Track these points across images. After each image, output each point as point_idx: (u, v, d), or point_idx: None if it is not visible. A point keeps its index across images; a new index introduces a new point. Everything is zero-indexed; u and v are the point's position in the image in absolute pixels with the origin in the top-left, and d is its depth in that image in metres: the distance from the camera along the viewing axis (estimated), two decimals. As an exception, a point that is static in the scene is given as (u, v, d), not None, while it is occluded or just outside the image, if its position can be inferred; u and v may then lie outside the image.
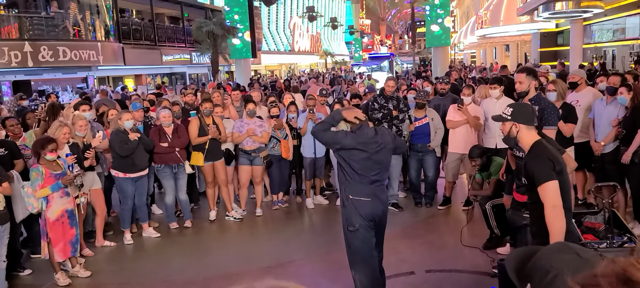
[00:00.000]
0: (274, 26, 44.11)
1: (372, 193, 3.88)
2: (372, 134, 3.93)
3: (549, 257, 1.25)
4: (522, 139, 3.07)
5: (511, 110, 3.11)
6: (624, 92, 5.26)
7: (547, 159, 2.90)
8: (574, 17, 19.74)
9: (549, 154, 2.93)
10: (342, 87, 17.66)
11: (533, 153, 3.01)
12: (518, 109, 3.13)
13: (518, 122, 3.05)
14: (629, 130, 5.22)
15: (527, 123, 3.04)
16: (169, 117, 6.41)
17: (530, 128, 3.04)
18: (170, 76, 26.06)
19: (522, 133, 3.05)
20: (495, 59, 37.59)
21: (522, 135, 3.06)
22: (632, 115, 5.22)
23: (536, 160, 2.95)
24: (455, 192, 7.37)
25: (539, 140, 3.04)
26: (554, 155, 2.95)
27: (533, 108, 3.18)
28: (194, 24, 22.79)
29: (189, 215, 6.83)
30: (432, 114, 6.88)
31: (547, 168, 2.87)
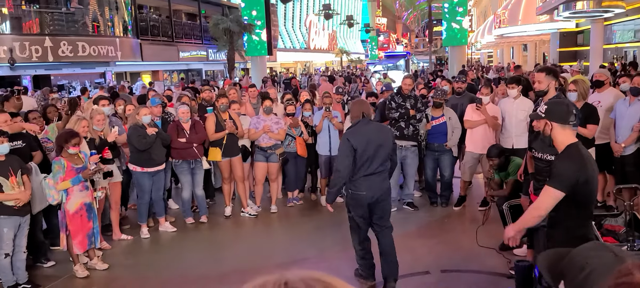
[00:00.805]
0: (290, 23, 44.15)
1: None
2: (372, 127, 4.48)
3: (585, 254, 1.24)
4: (556, 138, 2.95)
5: (546, 107, 3.02)
6: None
7: (574, 169, 2.80)
8: (595, 17, 19.45)
9: (581, 163, 2.83)
10: (358, 86, 17.64)
11: (564, 155, 2.92)
12: (553, 107, 3.02)
13: (551, 120, 2.95)
14: None
15: (561, 122, 2.92)
16: (187, 113, 6.46)
17: (565, 127, 2.92)
18: (186, 72, 26.25)
19: (556, 132, 2.94)
20: (512, 58, 37.20)
21: (556, 135, 2.94)
22: None
23: (563, 163, 2.87)
24: (472, 192, 7.32)
25: (575, 143, 2.92)
26: (585, 163, 2.84)
27: (570, 107, 3.03)
28: (211, 20, 22.92)
29: (205, 211, 6.89)
30: (450, 113, 6.83)
31: (568, 177, 2.79)
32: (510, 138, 6.14)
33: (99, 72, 19.84)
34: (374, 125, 4.61)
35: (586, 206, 2.88)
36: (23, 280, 4.85)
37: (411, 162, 6.86)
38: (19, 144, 5.25)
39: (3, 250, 4.68)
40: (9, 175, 4.66)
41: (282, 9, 40.15)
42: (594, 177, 2.89)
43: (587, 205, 2.89)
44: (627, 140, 5.43)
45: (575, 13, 17.68)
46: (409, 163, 6.88)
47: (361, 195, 4.41)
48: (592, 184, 2.87)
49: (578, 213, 2.88)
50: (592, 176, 2.87)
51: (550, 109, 2.99)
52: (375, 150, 4.36)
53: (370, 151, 4.34)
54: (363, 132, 4.38)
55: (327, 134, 7.17)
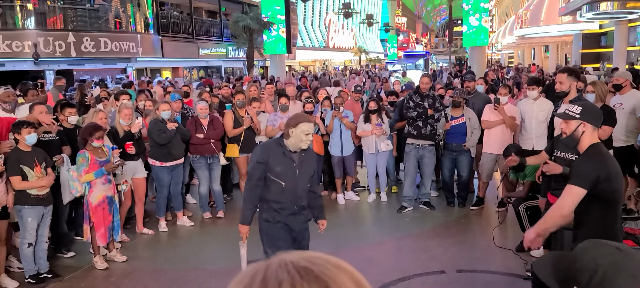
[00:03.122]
0: (310, 22, 44.22)
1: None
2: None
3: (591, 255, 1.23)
4: (584, 139, 2.94)
5: (581, 108, 2.97)
6: None
7: (594, 167, 2.79)
8: (619, 18, 19.08)
9: (599, 160, 2.83)
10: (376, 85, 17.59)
11: (586, 154, 2.92)
12: (589, 108, 3.01)
13: (588, 121, 2.91)
14: None
15: (596, 124, 2.92)
16: (205, 109, 6.54)
17: (595, 130, 2.94)
18: (206, 69, 26.49)
19: (587, 133, 2.92)
20: (533, 59, 36.71)
21: (586, 136, 2.93)
22: None
23: (583, 161, 2.89)
24: (489, 192, 7.27)
25: (598, 143, 2.94)
26: (604, 162, 2.83)
27: (598, 109, 3.05)
28: (231, 18, 23.08)
29: (222, 206, 6.95)
30: (470, 114, 6.79)
31: (587, 174, 2.78)
32: (531, 139, 6.08)
33: (120, 68, 20.13)
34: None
35: (611, 205, 2.84)
36: (44, 270, 4.96)
37: (428, 161, 6.85)
38: (51, 136, 5.37)
39: (26, 239, 4.80)
40: (34, 166, 4.77)
41: (302, 8, 40.23)
42: (616, 175, 2.85)
43: (611, 204, 2.85)
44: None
45: (599, 14, 17.37)
46: (426, 162, 6.86)
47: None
48: (615, 181, 2.83)
49: (603, 213, 2.85)
50: (615, 173, 2.83)
51: (587, 110, 2.95)
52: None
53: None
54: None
55: (339, 134, 7.18)
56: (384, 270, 5.05)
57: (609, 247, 1.23)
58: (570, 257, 1.27)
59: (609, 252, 1.21)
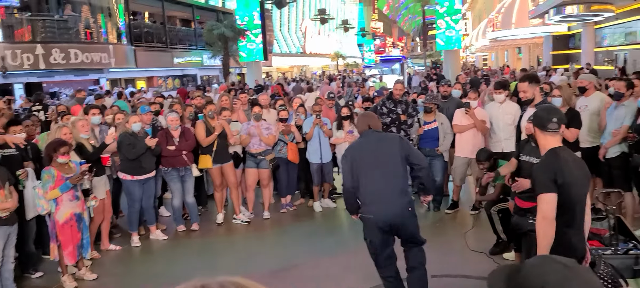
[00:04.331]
0: (286, 28, 44.23)
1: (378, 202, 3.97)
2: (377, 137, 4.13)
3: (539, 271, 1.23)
4: (538, 142, 3.02)
5: (534, 111, 3.08)
6: None
7: (549, 169, 2.82)
8: (585, 21, 19.58)
9: (556, 165, 2.83)
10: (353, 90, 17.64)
11: (541, 160, 2.97)
12: (537, 112, 3.08)
13: (534, 125, 3.03)
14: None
15: (541, 128, 2.96)
16: (176, 120, 6.46)
17: (545, 133, 2.95)
18: (181, 78, 26.25)
19: (537, 137, 3.01)
20: (506, 61, 37.35)
21: (538, 139, 3.01)
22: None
23: (539, 168, 2.90)
24: (463, 196, 7.33)
25: (554, 148, 2.94)
26: (561, 166, 2.84)
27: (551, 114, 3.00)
28: (205, 26, 22.96)
29: (196, 218, 6.87)
30: (442, 118, 6.86)
31: (547, 178, 2.80)
32: (499, 142, 6.19)
33: (93, 79, 19.80)
34: (375, 136, 4.14)
35: (564, 209, 2.84)
36: (11, 292, 4.82)
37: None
38: (11, 151, 5.22)
39: (-8, 261, 4.66)
40: (-3, 187, 4.64)
41: (278, 14, 40.22)
42: (575, 183, 2.85)
43: (564, 209, 2.85)
44: (608, 143, 5.47)
45: (566, 17, 17.80)
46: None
47: (368, 218, 4.00)
48: (571, 189, 2.83)
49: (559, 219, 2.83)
50: (572, 181, 2.83)
51: (536, 114, 3.05)
52: (376, 162, 3.98)
53: (368, 163, 3.98)
54: (361, 144, 4.12)
55: (318, 141, 7.18)
56: (361, 277, 5.04)
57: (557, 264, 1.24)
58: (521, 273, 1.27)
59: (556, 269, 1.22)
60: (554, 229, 2.77)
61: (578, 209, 2.93)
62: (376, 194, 3.94)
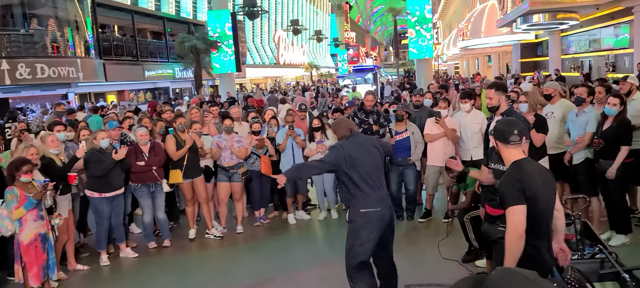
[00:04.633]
0: (259, 39, 44.21)
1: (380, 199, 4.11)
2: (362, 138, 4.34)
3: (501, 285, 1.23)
4: (502, 155, 3.03)
5: (493, 125, 3.08)
6: (617, 103, 5.18)
7: (516, 181, 2.81)
8: (552, 29, 20.10)
9: (521, 176, 2.83)
10: (327, 100, 17.69)
11: (506, 173, 2.96)
12: (498, 126, 3.07)
13: (496, 139, 3.02)
14: (609, 143, 5.21)
15: (503, 142, 2.97)
16: (145, 135, 6.35)
17: (508, 146, 2.96)
18: (153, 91, 25.92)
19: (500, 150, 3.02)
20: (477, 69, 38.04)
21: (501, 152, 3.02)
22: (617, 130, 5.18)
23: (505, 181, 2.89)
24: (437, 204, 7.39)
25: (518, 160, 2.94)
26: (527, 179, 2.83)
27: (512, 127, 2.99)
28: (176, 38, 22.76)
29: (168, 234, 6.75)
30: (413, 128, 6.92)
31: (513, 191, 2.80)
32: (468, 150, 6.29)
33: (61, 94, 19.38)
34: (362, 138, 4.39)
35: (534, 223, 2.83)
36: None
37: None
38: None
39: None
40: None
41: (250, 25, 40.18)
42: (541, 195, 2.84)
43: (534, 222, 2.84)
44: (573, 149, 5.58)
45: (533, 25, 18.23)
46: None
47: (376, 211, 4.07)
48: (539, 201, 2.83)
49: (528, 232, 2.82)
50: (539, 194, 2.83)
51: (495, 127, 3.06)
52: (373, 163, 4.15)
53: (369, 162, 4.12)
54: (354, 143, 4.19)
55: (291, 153, 7.15)
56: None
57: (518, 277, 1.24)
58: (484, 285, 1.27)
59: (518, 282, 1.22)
60: (523, 243, 2.76)
61: (545, 220, 2.93)
62: (379, 191, 4.13)
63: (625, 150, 5.14)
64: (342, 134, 4.28)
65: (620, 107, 5.16)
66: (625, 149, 5.14)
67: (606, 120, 5.29)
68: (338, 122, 4.53)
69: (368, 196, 4.07)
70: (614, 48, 16.81)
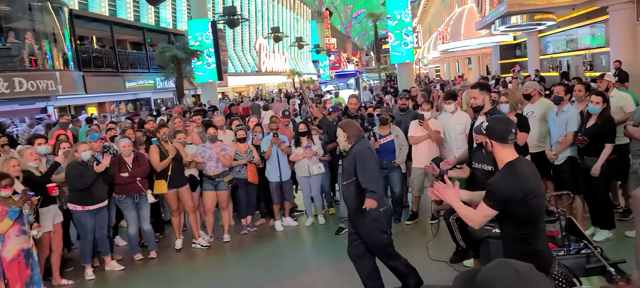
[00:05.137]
0: (240, 47, 44.11)
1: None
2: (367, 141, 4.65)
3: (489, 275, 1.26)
4: (496, 155, 2.99)
5: (487, 125, 3.03)
6: (600, 102, 5.24)
7: (508, 187, 2.80)
8: (529, 30, 20.41)
9: (514, 182, 2.81)
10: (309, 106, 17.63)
11: (501, 172, 2.93)
12: (494, 125, 3.02)
13: (492, 138, 2.98)
14: (593, 141, 5.29)
15: (501, 141, 2.94)
16: (128, 146, 6.28)
17: (505, 146, 2.94)
18: (134, 102, 25.67)
19: (496, 150, 2.98)
20: (458, 72, 38.46)
21: (496, 152, 2.98)
22: (601, 127, 5.25)
23: (499, 182, 2.87)
24: (424, 206, 7.43)
25: (514, 160, 2.93)
26: (521, 181, 2.82)
27: (510, 125, 2.99)
28: (156, 48, 22.60)
29: (154, 246, 6.67)
30: (397, 131, 6.96)
31: (501, 196, 2.80)
32: (452, 151, 6.34)
33: (40, 108, 19.07)
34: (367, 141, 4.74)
35: (529, 222, 2.85)
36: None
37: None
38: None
39: None
40: None
41: (231, 33, 40.09)
42: (534, 193, 2.84)
43: (529, 221, 2.85)
44: (556, 150, 5.66)
45: (511, 27, 18.49)
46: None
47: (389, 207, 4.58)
48: (532, 201, 2.82)
49: (521, 231, 2.84)
50: (532, 192, 2.83)
51: (491, 127, 3.00)
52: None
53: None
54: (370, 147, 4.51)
55: (276, 160, 7.14)
56: (324, 295, 5.01)
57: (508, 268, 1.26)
58: (477, 276, 1.29)
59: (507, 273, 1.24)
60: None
61: (540, 218, 2.95)
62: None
63: (610, 147, 5.22)
64: (354, 133, 4.42)
65: (603, 105, 5.25)
66: (609, 147, 5.22)
67: (590, 118, 5.37)
68: (349, 122, 4.62)
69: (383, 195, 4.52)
70: (591, 47, 17.14)
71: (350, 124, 4.54)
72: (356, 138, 4.40)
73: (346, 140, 4.39)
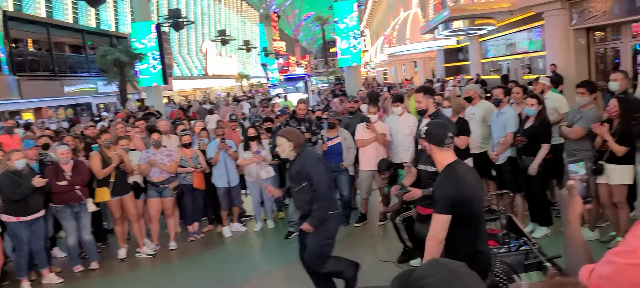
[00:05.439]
0: (186, 51, 43.26)
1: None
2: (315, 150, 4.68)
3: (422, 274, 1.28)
4: (435, 158, 3.04)
5: (426, 129, 3.07)
6: (535, 104, 5.45)
7: (450, 188, 2.85)
8: (471, 34, 21.12)
9: (455, 185, 2.86)
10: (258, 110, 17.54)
11: (441, 177, 2.97)
12: (431, 129, 3.06)
13: (430, 143, 3.02)
14: (531, 141, 5.49)
15: (439, 145, 2.98)
16: (67, 153, 6.00)
17: (443, 149, 2.99)
18: (74, 107, 24.63)
19: (435, 153, 3.02)
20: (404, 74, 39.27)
21: (435, 156, 3.03)
22: (538, 128, 5.47)
23: (440, 187, 2.92)
24: (372, 208, 7.51)
25: (453, 163, 2.97)
26: (460, 186, 2.87)
27: (447, 129, 3.04)
28: (98, 51, 21.81)
29: (96, 256, 6.40)
30: (344, 134, 7.01)
31: (446, 198, 2.84)
32: (399, 153, 6.46)
33: (-30, 114, 18.00)
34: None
35: (470, 224, 2.90)
36: None
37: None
38: None
39: None
40: None
41: (176, 37, 39.23)
42: (474, 196, 2.90)
43: (470, 223, 2.91)
44: (497, 151, 5.89)
45: (453, 31, 19.07)
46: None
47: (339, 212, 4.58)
48: (473, 203, 2.88)
49: (462, 232, 2.89)
50: (472, 195, 2.88)
51: (430, 131, 3.04)
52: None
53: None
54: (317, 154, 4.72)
55: (224, 165, 7.03)
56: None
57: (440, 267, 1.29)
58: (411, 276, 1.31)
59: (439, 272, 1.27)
60: (440, 249, 2.84)
61: (481, 220, 3.02)
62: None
63: (546, 147, 5.46)
64: (298, 142, 4.36)
65: (539, 107, 5.48)
66: (546, 146, 5.46)
67: (527, 119, 5.61)
68: (291, 131, 4.58)
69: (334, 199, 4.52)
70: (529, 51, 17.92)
71: (292, 132, 4.49)
72: (301, 146, 4.36)
73: (292, 149, 4.36)
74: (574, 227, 1.78)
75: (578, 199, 1.81)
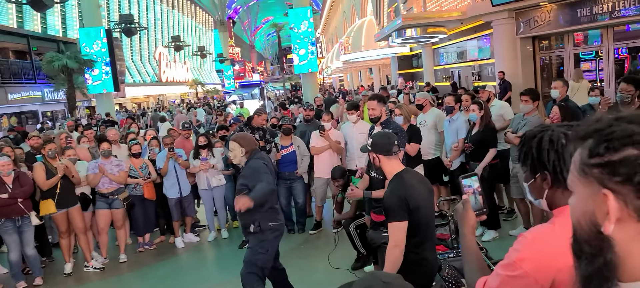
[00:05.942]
0: (138, 57, 42.28)
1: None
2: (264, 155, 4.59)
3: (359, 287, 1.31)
4: (384, 168, 3.06)
5: (371, 140, 3.09)
6: (476, 109, 5.64)
7: (400, 197, 2.87)
8: (424, 42, 21.62)
9: (404, 191, 2.89)
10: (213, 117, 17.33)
11: (390, 187, 2.99)
12: (377, 139, 3.09)
13: (377, 153, 3.04)
14: (477, 147, 5.64)
15: (386, 154, 3.01)
16: (8, 165, 5.72)
17: (390, 158, 3.02)
18: (19, 115, 23.58)
19: (383, 163, 3.04)
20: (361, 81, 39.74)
21: (383, 166, 3.05)
22: (483, 134, 5.63)
23: (390, 196, 2.94)
24: (328, 215, 7.53)
25: (399, 173, 2.99)
26: (410, 192, 2.90)
27: (392, 138, 3.07)
28: (44, 58, 20.97)
29: (40, 271, 6.12)
30: (298, 142, 7.01)
31: (398, 206, 2.86)
32: (353, 160, 6.50)
33: None
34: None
35: (418, 232, 2.92)
36: None
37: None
38: None
39: None
40: None
41: (128, 42, 38.29)
42: (423, 204, 2.94)
43: (418, 231, 2.93)
44: (451, 157, 6.04)
45: (406, 39, 19.47)
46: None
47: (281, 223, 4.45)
48: (420, 210, 2.91)
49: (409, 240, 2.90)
50: (421, 203, 2.92)
51: (376, 142, 3.07)
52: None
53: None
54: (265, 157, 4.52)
55: (175, 175, 6.89)
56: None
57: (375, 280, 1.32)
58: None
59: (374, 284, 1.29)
60: (402, 257, 2.84)
61: (429, 227, 3.06)
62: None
63: (493, 152, 5.64)
64: (251, 147, 4.33)
65: (480, 112, 5.65)
66: (492, 151, 5.64)
67: (474, 125, 5.77)
68: (244, 136, 4.53)
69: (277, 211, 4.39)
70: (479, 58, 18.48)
71: (246, 138, 4.47)
72: (253, 151, 4.34)
73: (244, 154, 4.32)
74: (469, 238, 1.84)
75: (471, 212, 1.87)
